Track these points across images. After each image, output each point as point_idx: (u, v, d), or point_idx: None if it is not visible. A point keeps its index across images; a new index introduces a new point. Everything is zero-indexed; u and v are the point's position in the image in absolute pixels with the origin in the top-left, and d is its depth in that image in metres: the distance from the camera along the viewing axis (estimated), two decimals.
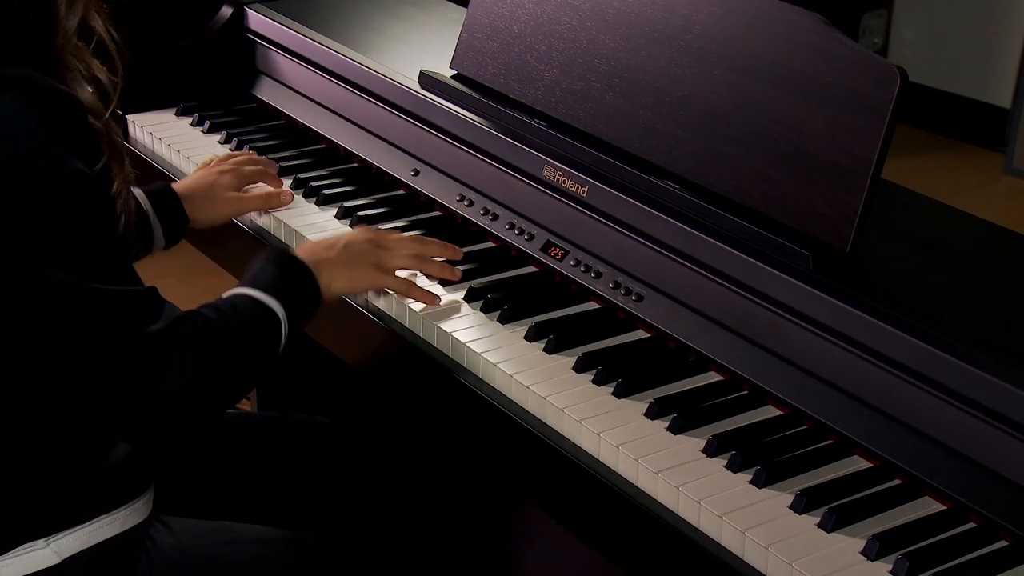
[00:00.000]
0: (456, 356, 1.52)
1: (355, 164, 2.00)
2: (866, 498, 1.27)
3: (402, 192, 1.90)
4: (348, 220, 1.81)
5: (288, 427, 1.78)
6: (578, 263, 1.62)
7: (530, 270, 1.69)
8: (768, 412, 1.41)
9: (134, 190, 1.72)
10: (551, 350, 1.50)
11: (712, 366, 1.47)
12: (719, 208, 1.51)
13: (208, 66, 2.21)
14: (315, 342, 1.74)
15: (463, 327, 1.55)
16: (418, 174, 1.87)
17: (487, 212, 1.75)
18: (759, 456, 1.32)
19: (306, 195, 1.88)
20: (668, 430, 1.37)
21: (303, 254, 1.53)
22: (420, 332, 1.57)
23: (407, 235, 1.65)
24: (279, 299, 1.44)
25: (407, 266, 1.59)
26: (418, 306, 1.58)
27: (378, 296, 1.62)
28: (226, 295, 1.44)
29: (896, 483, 1.30)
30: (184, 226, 1.77)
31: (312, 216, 1.83)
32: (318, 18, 2.19)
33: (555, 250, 1.65)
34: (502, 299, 1.59)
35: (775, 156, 1.50)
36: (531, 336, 1.52)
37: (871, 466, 1.32)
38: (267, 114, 2.18)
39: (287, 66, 2.13)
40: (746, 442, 1.34)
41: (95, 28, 1.34)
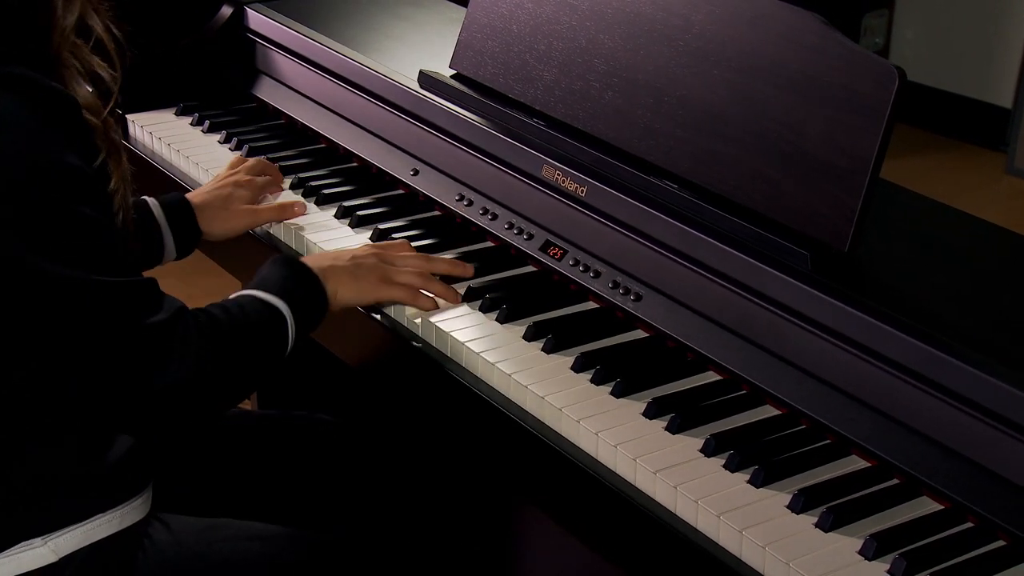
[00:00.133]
0: (455, 355, 1.52)
1: (354, 164, 2.00)
2: (864, 498, 1.27)
3: (401, 192, 1.90)
4: (347, 219, 1.81)
5: (289, 425, 1.77)
6: (577, 263, 1.62)
7: (529, 270, 1.69)
8: (766, 412, 1.41)
9: (148, 199, 1.72)
10: (550, 349, 1.50)
11: (710, 366, 1.47)
12: (718, 208, 1.51)
13: (208, 66, 2.21)
14: (316, 341, 1.74)
15: (462, 327, 1.55)
16: (417, 174, 1.87)
17: (486, 212, 1.75)
18: (757, 456, 1.32)
19: (305, 195, 1.88)
20: (666, 430, 1.37)
21: (310, 262, 1.54)
22: (419, 332, 1.57)
23: (415, 253, 1.64)
24: (286, 300, 1.44)
25: (412, 282, 1.59)
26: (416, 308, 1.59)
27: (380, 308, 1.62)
28: (233, 296, 1.44)
29: (894, 483, 1.30)
30: (196, 237, 1.76)
31: (312, 216, 1.83)
32: (318, 18, 2.19)
33: (554, 250, 1.65)
34: (501, 299, 1.59)
35: (774, 156, 1.50)
36: (530, 335, 1.52)
37: (869, 466, 1.32)
38: (267, 114, 2.18)
39: (287, 66, 2.13)
40: (744, 442, 1.34)
41: (94, 27, 1.34)
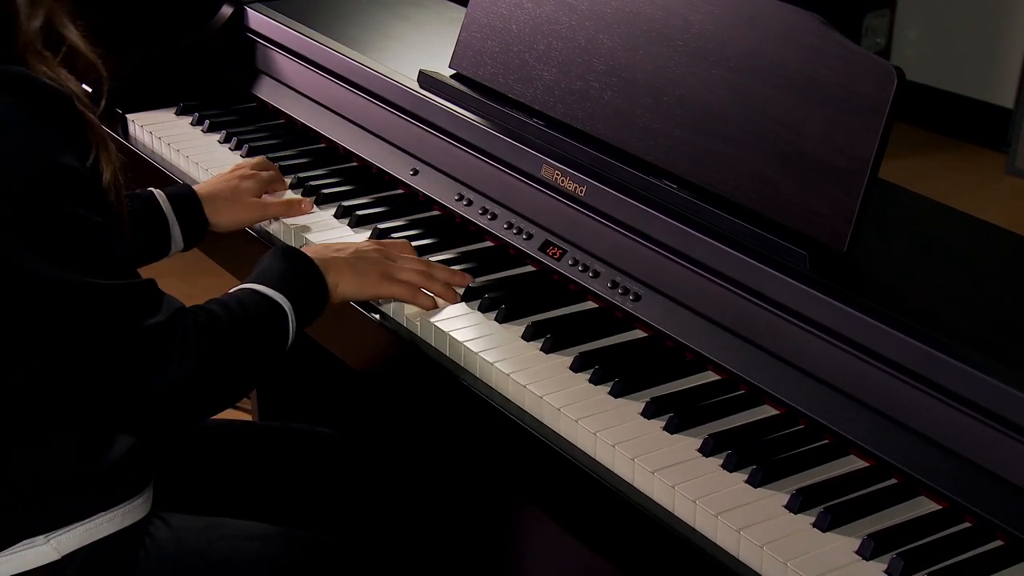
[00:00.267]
0: (453, 355, 1.52)
1: (354, 163, 2.00)
2: (862, 498, 1.27)
3: (401, 191, 1.90)
4: (347, 219, 1.81)
5: (289, 433, 1.78)
6: (576, 262, 1.62)
7: (528, 269, 1.69)
8: (765, 412, 1.41)
9: (155, 191, 1.72)
10: (548, 349, 1.50)
11: (709, 366, 1.47)
12: (716, 208, 1.51)
13: (208, 65, 2.22)
14: (316, 348, 1.74)
15: (461, 326, 1.55)
16: (417, 173, 1.87)
17: (486, 211, 1.75)
18: (755, 455, 1.32)
19: (305, 194, 1.88)
20: (664, 429, 1.37)
21: (312, 253, 1.54)
22: (418, 331, 1.57)
23: (416, 257, 1.63)
24: (286, 294, 1.44)
25: (413, 280, 1.59)
26: (416, 307, 1.59)
27: (380, 304, 1.62)
28: (233, 290, 1.44)
29: (892, 483, 1.30)
30: (203, 228, 1.76)
31: (311, 215, 1.83)
32: (318, 18, 2.20)
33: (553, 249, 1.65)
34: (500, 298, 1.59)
35: (773, 156, 1.50)
36: (529, 335, 1.52)
37: (867, 466, 1.32)
38: (267, 113, 2.18)
39: (287, 65, 2.13)
40: (742, 441, 1.34)
41: (67, 36, 1.33)
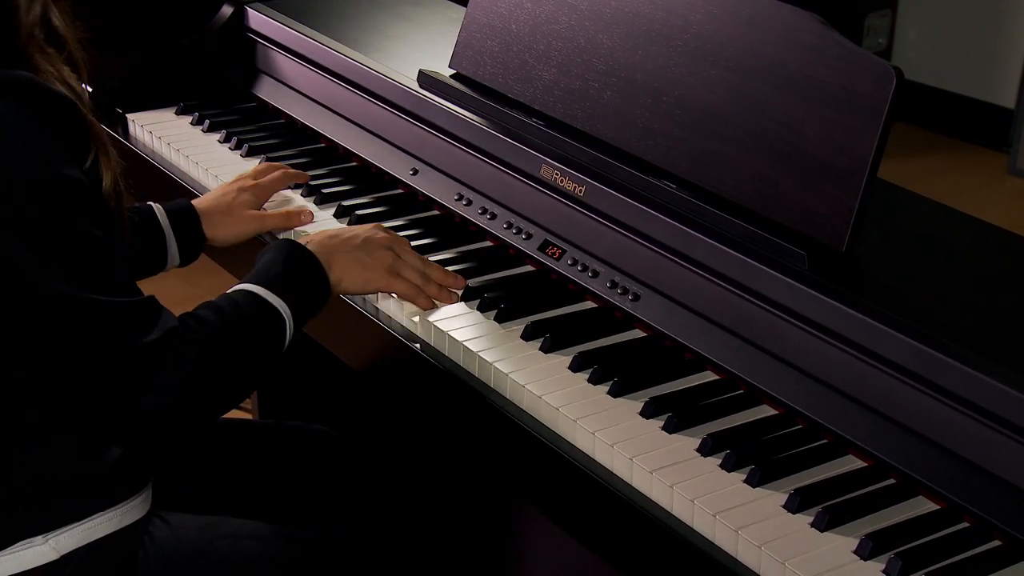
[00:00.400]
0: (452, 355, 1.52)
1: (354, 163, 2.00)
2: (860, 497, 1.27)
3: (401, 191, 1.90)
4: (347, 219, 1.81)
5: (287, 432, 1.77)
6: (575, 262, 1.62)
7: (527, 269, 1.69)
8: (763, 411, 1.41)
9: (154, 205, 1.71)
10: (547, 349, 1.50)
11: (708, 365, 1.47)
12: (716, 208, 1.51)
13: (208, 65, 2.22)
14: (316, 347, 1.74)
15: (460, 326, 1.55)
16: (417, 173, 1.87)
17: (485, 211, 1.75)
18: (753, 455, 1.32)
19: (305, 194, 1.88)
20: (663, 429, 1.37)
21: (316, 246, 1.52)
22: (417, 331, 1.57)
23: (416, 255, 1.62)
24: (284, 296, 1.43)
25: (416, 280, 1.58)
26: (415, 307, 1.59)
27: (379, 303, 1.62)
28: (231, 290, 1.43)
29: (890, 483, 1.30)
30: (200, 245, 1.75)
31: None
32: (318, 17, 2.20)
33: (552, 249, 1.65)
34: (499, 298, 1.59)
35: (772, 156, 1.50)
36: (527, 335, 1.52)
37: (865, 465, 1.32)
38: (267, 113, 2.18)
39: (287, 65, 2.14)
40: (741, 441, 1.34)
41: (65, 36, 1.32)
